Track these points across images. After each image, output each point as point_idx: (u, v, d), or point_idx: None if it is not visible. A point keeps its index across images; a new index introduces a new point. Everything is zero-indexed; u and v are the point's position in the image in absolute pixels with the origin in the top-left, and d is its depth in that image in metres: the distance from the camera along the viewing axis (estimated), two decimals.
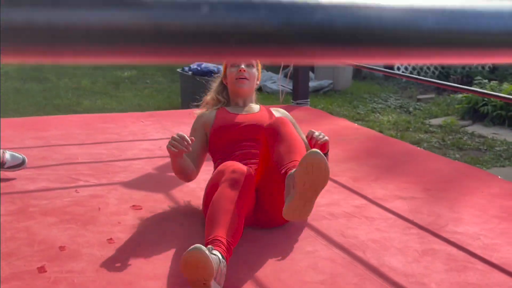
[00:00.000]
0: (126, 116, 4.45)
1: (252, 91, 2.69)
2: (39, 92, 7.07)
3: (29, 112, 5.95)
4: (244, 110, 2.63)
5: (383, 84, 8.79)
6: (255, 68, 2.66)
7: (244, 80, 2.60)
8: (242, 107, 2.65)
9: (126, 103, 6.66)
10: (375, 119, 6.45)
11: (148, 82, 8.23)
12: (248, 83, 2.62)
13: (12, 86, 7.31)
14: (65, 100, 6.65)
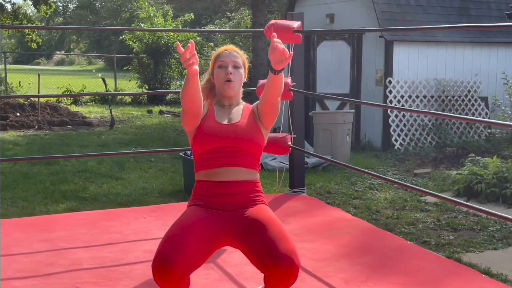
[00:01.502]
0: (129, 211, 4.65)
1: (239, 92, 2.80)
2: (47, 176, 7.30)
3: (37, 200, 6.16)
4: (228, 117, 2.73)
5: (381, 157, 9.00)
6: (242, 67, 2.78)
7: (231, 84, 2.72)
8: (227, 111, 2.75)
9: (131, 187, 6.87)
10: (372, 196, 6.63)
11: (153, 161, 8.46)
12: (235, 86, 2.74)
13: (21, 170, 7.55)
14: (71, 185, 6.87)
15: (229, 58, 2.76)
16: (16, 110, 12.91)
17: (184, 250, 2.42)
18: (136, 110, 15.62)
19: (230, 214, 2.61)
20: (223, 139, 2.64)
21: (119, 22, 45.68)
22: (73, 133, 11.37)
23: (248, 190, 2.66)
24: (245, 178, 2.65)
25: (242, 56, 2.83)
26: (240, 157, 2.64)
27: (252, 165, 2.67)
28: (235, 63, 2.76)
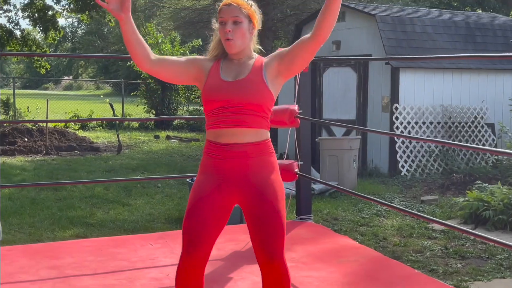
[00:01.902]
0: (136, 238, 4.65)
1: (244, 47, 2.67)
2: (54, 202, 7.33)
3: (44, 226, 6.18)
4: (234, 73, 2.66)
5: (388, 183, 8.99)
6: (245, 20, 2.64)
7: (230, 43, 2.62)
8: (235, 66, 2.67)
9: (137, 213, 6.88)
10: (380, 223, 6.61)
11: (159, 186, 8.48)
12: (236, 43, 2.62)
13: (29, 196, 7.58)
14: (79, 211, 6.88)
15: (227, 14, 2.62)
16: (24, 135, 12.99)
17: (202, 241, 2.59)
18: (143, 135, 15.68)
19: (239, 182, 2.60)
20: (227, 97, 2.59)
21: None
22: (80, 158, 11.42)
23: (257, 152, 2.61)
24: (253, 140, 2.60)
25: (245, 7, 2.66)
26: (247, 117, 2.58)
27: (259, 124, 2.61)
28: (235, 18, 2.62)
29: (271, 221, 2.55)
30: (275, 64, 2.66)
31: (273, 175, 2.62)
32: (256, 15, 2.72)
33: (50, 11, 17.64)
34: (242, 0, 2.68)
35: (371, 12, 10.24)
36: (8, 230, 5.94)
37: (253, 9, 2.71)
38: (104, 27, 53.32)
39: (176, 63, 2.73)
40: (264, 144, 2.63)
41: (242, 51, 2.68)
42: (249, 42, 2.70)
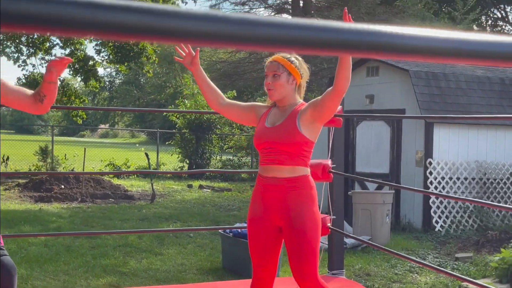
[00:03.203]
0: None
1: (284, 95, 3.16)
2: (89, 249, 7.43)
3: (78, 273, 6.26)
4: (275, 119, 3.18)
5: (421, 238, 8.88)
6: (283, 73, 3.13)
7: (270, 92, 3.17)
8: (279, 113, 3.19)
9: (170, 263, 6.93)
10: (413, 280, 6.52)
11: (192, 236, 8.54)
12: (275, 93, 3.15)
13: (64, 243, 7.71)
14: (112, 259, 6.97)
15: (269, 69, 3.17)
16: (60, 183, 13.26)
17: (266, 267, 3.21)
18: (177, 184, 15.84)
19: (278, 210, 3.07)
20: (265, 141, 3.13)
21: (163, 97, 46.99)
22: (115, 206, 11.58)
23: (293, 186, 3.05)
24: (289, 175, 3.06)
25: (285, 63, 3.14)
26: (282, 157, 3.06)
27: (295, 162, 3.06)
28: (274, 72, 3.14)
29: (302, 247, 3.00)
30: (309, 111, 3.08)
31: (307, 206, 3.04)
32: (298, 69, 3.18)
33: (91, 61, 18.23)
34: (283, 57, 3.16)
35: (404, 67, 10.34)
36: (43, 277, 6.04)
37: (294, 65, 3.17)
38: (141, 77, 54.59)
39: (239, 107, 3.39)
40: (301, 179, 3.07)
41: (284, 99, 3.18)
42: (290, 91, 3.17)
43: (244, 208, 11.95)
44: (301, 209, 3.03)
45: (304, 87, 3.28)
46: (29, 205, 11.37)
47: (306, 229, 3.01)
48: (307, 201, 3.05)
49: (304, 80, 3.23)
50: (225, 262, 6.70)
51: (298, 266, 3.02)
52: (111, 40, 16.04)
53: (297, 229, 3.02)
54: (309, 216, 3.03)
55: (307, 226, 3.01)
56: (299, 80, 3.18)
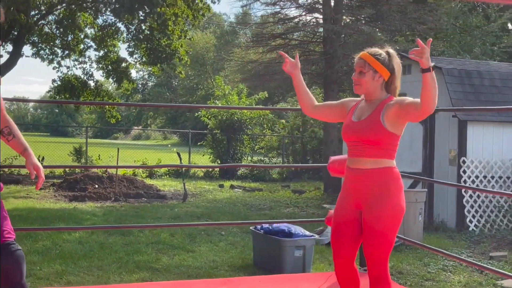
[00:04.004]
0: (199, 283, 4.74)
1: (368, 91, 3.32)
2: (122, 246, 7.52)
3: (111, 269, 6.34)
4: (361, 113, 3.33)
5: (455, 238, 8.77)
6: (369, 70, 3.28)
7: (356, 87, 3.35)
8: (365, 107, 3.35)
9: (201, 259, 6.98)
10: (446, 278, 6.44)
11: (223, 234, 8.58)
12: (360, 88, 3.33)
13: (98, 240, 7.82)
14: (145, 256, 7.04)
15: (356, 65, 3.35)
16: (95, 182, 13.46)
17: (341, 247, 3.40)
18: (208, 184, 15.93)
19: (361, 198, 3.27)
20: (351, 135, 3.33)
21: (194, 99, 47.30)
22: (147, 205, 11.70)
23: (376, 177, 3.23)
24: (373, 167, 3.24)
25: (370, 60, 3.30)
26: (366, 149, 3.25)
27: (378, 155, 3.24)
28: (360, 68, 3.31)
29: (375, 233, 3.17)
30: (394, 109, 3.21)
31: (386, 195, 3.20)
32: (385, 66, 3.31)
33: (124, 63, 18.45)
34: (370, 54, 3.32)
35: (437, 65, 10.22)
36: (77, 273, 6.13)
37: (381, 62, 3.31)
38: (174, 80, 55.07)
39: (330, 107, 3.61)
40: (384, 171, 3.24)
41: (370, 94, 3.34)
42: (376, 87, 3.32)
43: (275, 207, 11.96)
44: (381, 198, 3.20)
45: (396, 81, 3.36)
46: (63, 204, 11.56)
47: (382, 216, 3.17)
48: (388, 191, 3.21)
49: (396, 75, 3.35)
50: (256, 259, 6.72)
51: (369, 250, 3.20)
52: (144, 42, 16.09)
53: (373, 214, 3.20)
54: (387, 205, 3.18)
55: (384, 213, 3.17)
56: (387, 76, 3.32)
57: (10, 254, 2.94)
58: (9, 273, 2.95)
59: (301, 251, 6.34)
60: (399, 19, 14.24)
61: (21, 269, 2.98)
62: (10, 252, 2.95)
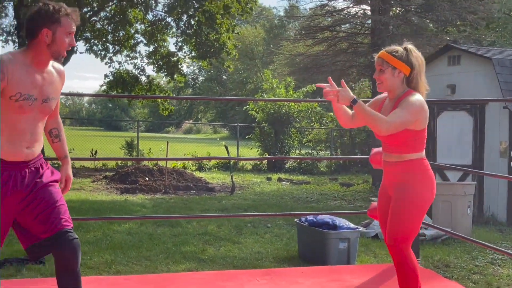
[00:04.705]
0: (244, 273, 4.81)
1: (391, 88, 3.46)
2: (170, 237, 7.69)
3: (159, 259, 6.50)
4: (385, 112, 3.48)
5: (505, 231, 8.60)
6: (387, 68, 3.40)
7: (378, 85, 3.50)
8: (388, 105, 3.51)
9: (247, 251, 7.07)
10: (494, 272, 6.34)
11: (269, 226, 8.65)
12: (381, 86, 3.48)
13: (147, 231, 8.01)
14: (192, 246, 7.18)
15: (375, 64, 3.49)
16: (145, 175, 13.74)
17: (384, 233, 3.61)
18: (256, 177, 16.04)
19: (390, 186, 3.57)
20: (378, 135, 3.46)
21: (244, 93, 47.55)
22: (196, 197, 11.89)
23: (401, 168, 3.47)
24: (397, 160, 3.48)
25: (387, 58, 3.41)
26: (389, 146, 3.50)
27: (400, 151, 3.46)
28: (379, 67, 3.45)
29: (396, 215, 3.41)
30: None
31: (410, 183, 3.43)
32: (404, 61, 3.40)
33: (174, 57, 18.73)
34: (387, 52, 3.42)
35: (487, 56, 10.00)
36: (126, 262, 6.31)
37: (399, 58, 3.39)
38: (223, 74, 55.46)
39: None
40: (408, 163, 3.46)
41: (391, 91, 3.48)
42: (397, 83, 3.44)
43: (322, 200, 11.96)
44: (402, 187, 3.43)
45: (418, 75, 3.45)
46: (115, 196, 11.87)
47: (404, 199, 3.41)
48: (409, 181, 3.42)
49: (417, 69, 3.43)
50: (301, 251, 6.76)
51: (390, 229, 3.43)
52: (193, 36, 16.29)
53: (396, 197, 3.45)
54: (408, 194, 3.41)
55: (406, 196, 3.40)
56: (407, 72, 3.41)
57: (67, 242, 3.04)
58: (65, 260, 3.06)
59: (345, 243, 6.35)
60: (449, 9, 13.96)
61: (77, 257, 3.07)
62: (68, 240, 3.04)
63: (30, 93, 2.98)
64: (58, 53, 3.04)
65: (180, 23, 17.81)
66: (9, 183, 2.99)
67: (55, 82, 3.16)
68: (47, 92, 3.08)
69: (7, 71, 2.91)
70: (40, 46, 3.02)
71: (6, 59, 2.94)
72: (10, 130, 2.99)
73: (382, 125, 3.29)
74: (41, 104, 3.06)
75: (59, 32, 3.02)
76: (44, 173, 3.16)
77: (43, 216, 3.06)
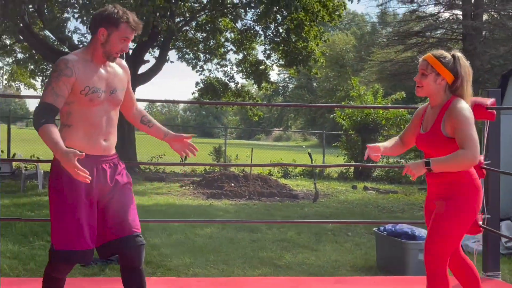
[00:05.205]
0: (316, 281, 4.81)
1: (430, 94, 3.33)
2: (249, 243, 7.78)
3: (236, 263, 6.59)
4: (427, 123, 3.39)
5: None
6: (430, 73, 3.27)
7: (417, 89, 3.34)
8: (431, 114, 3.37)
9: (324, 258, 7.03)
10: None
11: (350, 235, 8.56)
12: (422, 90, 3.33)
13: (227, 236, 8.15)
14: (269, 252, 7.23)
15: (419, 66, 3.33)
16: (231, 181, 13.97)
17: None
18: (341, 185, 15.90)
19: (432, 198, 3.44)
20: (420, 146, 3.44)
21: (333, 101, 47.24)
22: (279, 204, 11.95)
23: (442, 180, 3.30)
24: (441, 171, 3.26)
25: (433, 62, 3.28)
26: (434, 157, 3.27)
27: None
28: (422, 71, 3.30)
29: (434, 228, 3.29)
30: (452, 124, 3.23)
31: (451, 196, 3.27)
32: (450, 69, 3.28)
33: (262, 65, 18.96)
34: (434, 56, 3.29)
35: None
36: (204, 265, 6.45)
37: (445, 65, 3.27)
38: (314, 81, 55.39)
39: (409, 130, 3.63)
40: (450, 175, 3.27)
41: (432, 98, 3.35)
42: (439, 91, 3.31)
43: (408, 210, 11.68)
44: (445, 198, 3.28)
45: (464, 85, 3.31)
46: (201, 201, 12.14)
47: (444, 215, 3.26)
48: (453, 192, 3.27)
49: (464, 79, 3.29)
50: (379, 261, 6.64)
51: (428, 245, 3.31)
52: (281, 44, 16.41)
53: (437, 213, 3.31)
54: (451, 205, 3.25)
55: (446, 213, 3.26)
56: (450, 80, 3.29)
57: (135, 245, 3.23)
58: (129, 260, 3.24)
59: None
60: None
61: (141, 257, 3.26)
62: (136, 244, 3.23)
63: (97, 86, 3.18)
64: (109, 53, 3.21)
65: (268, 32, 18.00)
66: (93, 177, 3.15)
67: (119, 74, 3.35)
68: (113, 84, 3.28)
69: (73, 68, 3.12)
70: (96, 43, 3.21)
71: (70, 58, 3.16)
72: (85, 124, 3.19)
73: (466, 158, 3.13)
74: (109, 96, 3.25)
75: (114, 35, 3.18)
76: (122, 172, 3.36)
77: (118, 216, 3.24)
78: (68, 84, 3.09)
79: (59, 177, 3.14)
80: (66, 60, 3.13)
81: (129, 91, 3.47)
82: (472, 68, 3.41)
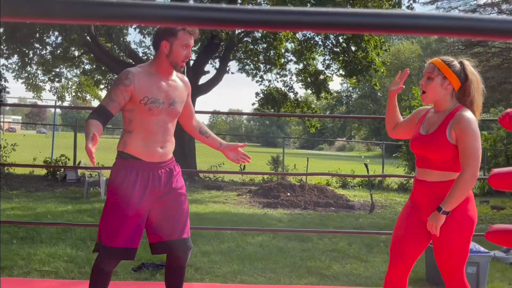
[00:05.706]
0: None
1: (436, 99, 3.17)
2: (299, 252, 7.83)
3: (284, 272, 6.66)
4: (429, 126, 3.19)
5: None
6: (437, 77, 3.12)
7: (422, 95, 3.20)
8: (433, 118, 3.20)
9: (373, 270, 7.00)
10: None
11: None
12: (427, 96, 3.17)
13: (277, 245, 8.22)
14: (318, 262, 7.26)
15: (425, 70, 3.20)
16: (287, 190, 14.05)
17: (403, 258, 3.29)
18: (400, 196, 15.69)
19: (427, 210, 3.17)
20: (417, 148, 3.20)
21: None
22: (333, 214, 11.92)
23: (442, 189, 3.10)
24: (439, 179, 3.12)
25: (440, 65, 3.13)
26: (432, 163, 3.12)
27: (445, 168, 3.11)
28: (428, 74, 3.16)
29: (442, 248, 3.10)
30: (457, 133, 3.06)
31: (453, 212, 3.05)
32: (457, 74, 3.11)
33: (322, 75, 18.98)
34: (442, 60, 3.13)
35: None
36: (251, 273, 6.55)
37: (452, 69, 3.10)
38: (378, 91, 54.77)
39: (404, 123, 3.48)
40: (450, 183, 3.09)
41: (437, 103, 3.19)
42: (445, 96, 3.16)
43: None
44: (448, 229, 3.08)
45: (472, 93, 3.14)
46: (256, 209, 12.26)
47: (450, 230, 3.06)
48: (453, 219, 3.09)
49: (469, 87, 3.13)
50: (428, 274, 6.56)
51: (442, 265, 3.16)
52: (341, 54, 16.40)
53: (441, 229, 3.08)
54: (454, 219, 3.06)
55: (451, 227, 3.07)
56: (457, 86, 3.13)
57: (184, 248, 3.57)
58: (177, 260, 3.60)
59: (474, 267, 6.07)
60: None
61: (187, 258, 3.63)
62: (185, 247, 3.57)
63: (156, 97, 3.42)
64: (175, 62, 3.44)
65: (327, 42, 18.01)
66: (148, 183, 3.43)
67: (179, 88, 3.57)
68: (173, 96, 3.51)
69: (133, 78, 3.36)
70: (161, 57, 3.44)
71: (132, 70, 3.43)
72: (144, 132, 3.42)
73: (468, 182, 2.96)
74: (168, 107, 3.48)
75: (175, 44, 3.41)
76: (178, 176, 3.59)
77: (173, 220, 3.51)
78: (125, 93, 3.34)
79: (115, 179, 3.43)
80: (128, 71, 3.40)
81: (189, 104, 3.71)
82: None
